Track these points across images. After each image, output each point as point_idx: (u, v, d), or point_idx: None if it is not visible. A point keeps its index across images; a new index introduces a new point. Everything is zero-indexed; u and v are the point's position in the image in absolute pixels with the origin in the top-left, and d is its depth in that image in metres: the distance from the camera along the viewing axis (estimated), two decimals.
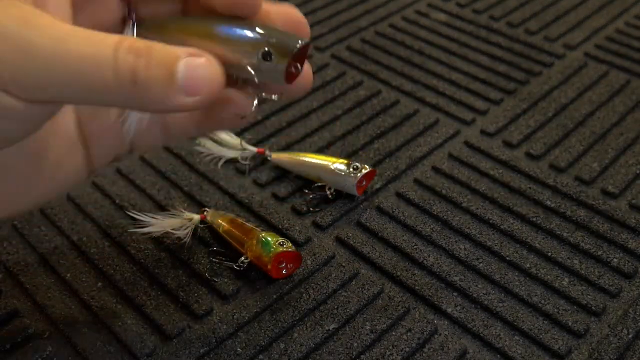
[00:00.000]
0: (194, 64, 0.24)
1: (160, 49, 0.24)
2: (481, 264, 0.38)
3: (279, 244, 0.36)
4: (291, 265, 0.36)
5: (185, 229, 0.38)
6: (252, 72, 0.26)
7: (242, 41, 0.26)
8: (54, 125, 0.28)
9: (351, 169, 0.40)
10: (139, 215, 0.38)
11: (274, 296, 0.36)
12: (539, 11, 0.61)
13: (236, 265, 0.37)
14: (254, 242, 0.36)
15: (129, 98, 0.24)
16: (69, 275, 0.37)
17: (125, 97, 0.24)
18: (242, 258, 0.37)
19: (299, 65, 0.26)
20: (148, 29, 0.28)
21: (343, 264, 0.38)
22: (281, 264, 0.36)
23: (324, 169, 0.41)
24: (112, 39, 0.23)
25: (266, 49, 0.25)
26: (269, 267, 0.35)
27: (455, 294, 0.36)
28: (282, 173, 0.44)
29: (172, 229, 0.38)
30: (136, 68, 0.23)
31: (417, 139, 0.47)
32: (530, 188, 0.42)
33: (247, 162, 0.44)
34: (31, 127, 0.26)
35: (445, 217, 0.40)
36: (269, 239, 0.36)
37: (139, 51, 0.23)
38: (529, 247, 0.39)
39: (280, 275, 0.36)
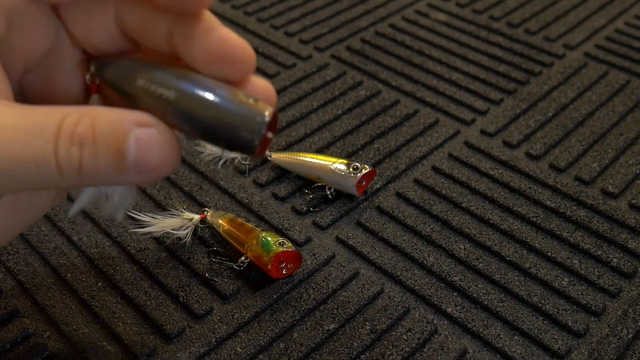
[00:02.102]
0: (145, 140, 0.22)
1: (106, 126, 0.22)
2: (481, 264, 0.38)
3: (279, 244, 0.36)
4: (291, 265, 0.36)
5: (185, 229, 0.38)
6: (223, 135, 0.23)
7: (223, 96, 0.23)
8: None
9: (351, 169, 0.40)
10: (139, 215, 0.38)
11: (274, 296, 0.36)
12: (539, 11, 0.61)
13: (236, 265, 0.37)
14: (254, 242, 0.36)
15: (77, 185, 0.23)
16: (69, 275, 0.37)
17: (73, 185, 0.23)
18: (242, 258, 0.37)
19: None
20: (110, 69, 0.25)
21: (343, 264, 0.38)
22: (281, 264, 0.36)
23: (324, 169, 0.41)
24: (51, 128, 0.21)
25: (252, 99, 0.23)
26: (269, 267, 0.35)
27: (455, 294, 0.36)
28: (282, 173, 0.44)
29: (172, 229, 0.38)
30: (82, 160, 0.22)
31: (417, 139, 0.47)
32: (530, 188, 0.42)
33: (247, 162, 0.44)
34: None
35: (445, 217, 0.40)
36: (269, 239, 0.36)
37: (83, 140, 0.22)
38: (529, 247, 0.39)
39: (280, 275, 0.36)
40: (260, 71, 0.53)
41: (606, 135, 0.47)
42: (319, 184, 0.42)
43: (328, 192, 0.42)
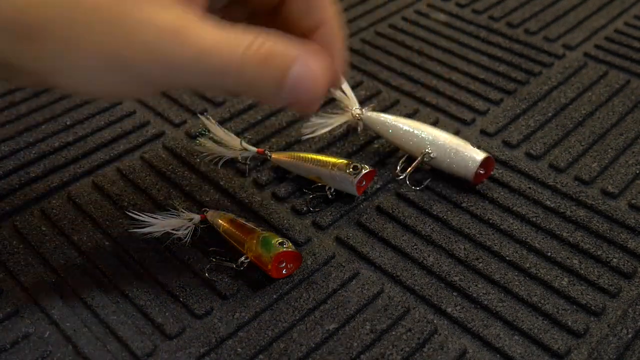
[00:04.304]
0: (303, 76, 0.28)
1: (279, 54, 0.28)
2: (481, 264, 0.38)
3: (279, 244, 0.36)
4: (291, 265, 0.36)
5: (185, 229, 0.38)
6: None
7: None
8: None
9: (351, 169, 0.40)
10: (139, 215, 0.38)
11: (274, 296, 0.36)
12: (538, 11, 0.61)
13: (236, 266, 0.37)
14: (254, 242, 0.36)
15: (239, 83, 0.28)
16: (69, 275, 0.37)
17: (236, 82, 0.28)
18: (242, 258, 0.37)
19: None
20: None
21: (343, 264, 0.38)
22: (281, 263, 0.36)
23: (324, 169, 0.41)
24: (241, 49, 0.27)
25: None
26: (269, 267, 0.35)
27: (455, 294, 0.36)
28: (282, 173, 0.44)
29: (172, 229, 0.38)
30: (254, 76, 0.28)
31: None
32: (530, 188, 0.42)
33: (247, 162, 0.44)
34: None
35: (445, 217, 0.41)
36: (269, 239, 0.36)
37: (261, 58, 0.27)
38: (529, 247, 0.39)
39: (281, 275, 0.36)
40: None
41: (606, 135, 0.47)
42: (319, 184, 0.42)
43: (328, 192, 0.42)
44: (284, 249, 0.36)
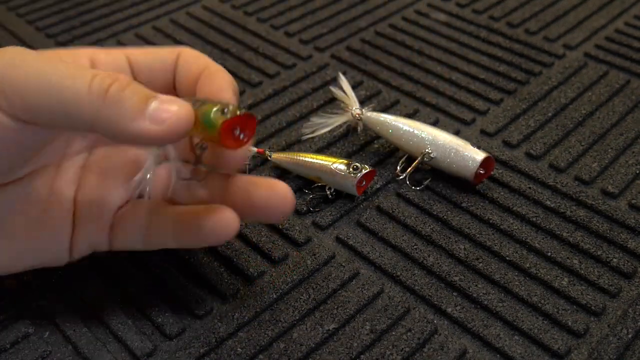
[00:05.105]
0: (168, 100, 0.27)
1: (139, 86, 0.27)
2: (481, 264, 0.38)
3: (222, 112, 0.28)
4: (247, 132, 0.29)
5: None
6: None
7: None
8: (54, 195, 0.32)
9: (351, 169, 0.40)
10: None
11: (274, 296, 0.36)
12: (539, 11, 0.61)
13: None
14: (196, 124, 0.28)
15: (96, 113, 0.26)
16: (69, 274, 0.37)
17: (93, 111, 0.26)
18: (198, 146, 0.32)
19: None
20: None
21: (343, 264, 0.38)
22: (235, 130, 0.29)
23: (324, 169, 0.41)
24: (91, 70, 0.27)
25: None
26: (222, 142, 0.29)
27: (455, 294, 0.36)
28: (282, 173, 0.44)
29: None
30: (110, 86, 0.26)
31: None
32: (530, 188, 0.42)
33: (247, 162, 0.44)
34: (26, 152, 0.29)
35: (445, 217, 0.41)
36: (207, 112, 0.28)
37: (119, 78, 0.26)
38: (529, 247, 0.39)
39: (240, 142, 0.29)
40: (260, 71, 0.53)
41: (606, 135, 0.47)
42: (319, 184, 0.42)
43: (328, 192, 0.42)
44: (229, 117, 0.28)
